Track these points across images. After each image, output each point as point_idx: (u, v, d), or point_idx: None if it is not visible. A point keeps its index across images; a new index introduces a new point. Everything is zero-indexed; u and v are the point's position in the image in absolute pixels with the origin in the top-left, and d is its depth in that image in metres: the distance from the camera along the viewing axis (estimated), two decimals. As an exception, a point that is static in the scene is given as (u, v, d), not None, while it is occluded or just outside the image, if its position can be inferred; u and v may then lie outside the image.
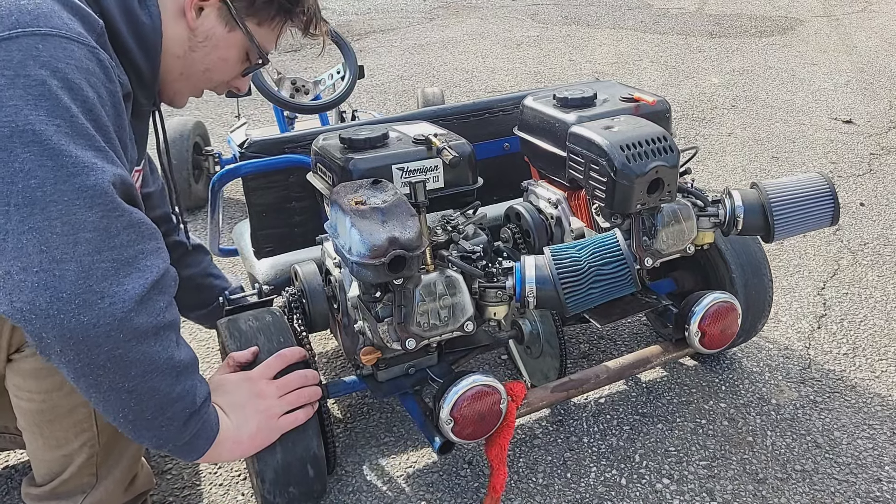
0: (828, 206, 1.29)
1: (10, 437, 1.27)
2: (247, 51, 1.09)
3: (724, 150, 2.97)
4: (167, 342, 0.87)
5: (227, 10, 1.02)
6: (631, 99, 1.43)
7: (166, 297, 0.87)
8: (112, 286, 0.80)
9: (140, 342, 0.83)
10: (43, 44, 0.79)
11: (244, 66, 1.12)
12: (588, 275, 1.10)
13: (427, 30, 5.37)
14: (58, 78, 0.80)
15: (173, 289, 0.90)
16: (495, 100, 1.68)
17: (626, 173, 1.18)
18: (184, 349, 0.91)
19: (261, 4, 1.05)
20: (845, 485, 1.31)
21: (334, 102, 2.23)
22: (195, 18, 1.01)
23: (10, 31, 0.79)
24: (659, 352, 1.38)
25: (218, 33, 1.03)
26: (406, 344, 1.08)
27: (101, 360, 0.81)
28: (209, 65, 1.06)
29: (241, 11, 1.03)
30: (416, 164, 1.20)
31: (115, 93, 0.89)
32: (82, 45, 0.83)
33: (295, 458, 1.13)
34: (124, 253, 0.82)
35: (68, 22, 0.83)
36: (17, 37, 0.79)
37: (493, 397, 1.13)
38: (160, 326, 0.85)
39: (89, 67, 0.83)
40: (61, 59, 0.80)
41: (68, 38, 0.82)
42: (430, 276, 1.09)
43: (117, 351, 0.81)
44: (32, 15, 0.80)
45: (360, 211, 1.01)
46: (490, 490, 1.22)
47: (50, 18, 0.82)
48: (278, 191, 1.51)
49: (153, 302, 0.84)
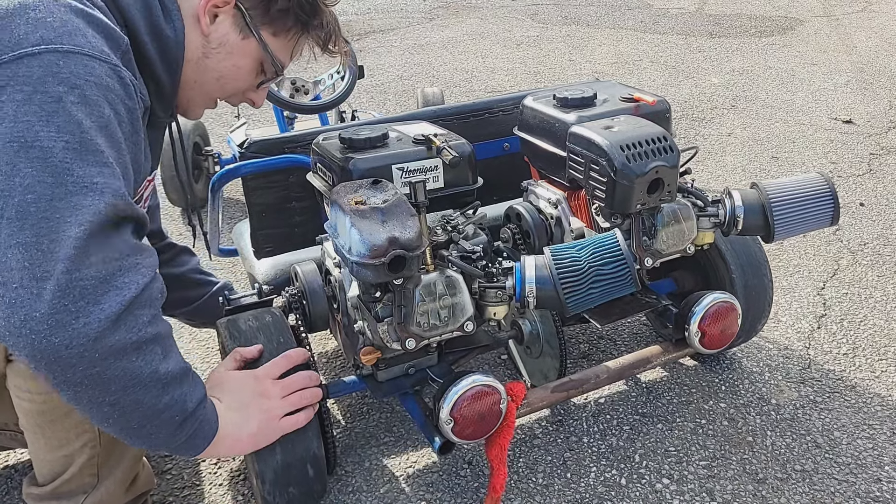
0: (828, 206, 1.29)
1: (11, 434, 1.27)
2: (261, 61, 1.08)
3: (723, 150, 2.97)
4: (151, 356, 0.85)
5: (242, 17, 1.02)
6: (631, 99, 1.43)
7: (149, 311, 0.85)
8: (88, 305, 0.79)
9: (119, 359, 0.82)
10: (64, 60, 0.81)
11: (258, 78, 1.10)
12: (588, 275, 1.10)
13: (427, 30, 5.37)
14: (75, 94, 0.81)
15: (159, 301, 0.88)
16: (495, 100, 1.68)
17: (626, 173, 1.18)
18: (173, 359, 0.89)
19: (276, 14, 1.03)
20: (845, 485, 1.31)
21: (334, 102, 2.23)
22: (209, 24, 1.01)
23: (34, 46, 0.80)
24: (659, 352, 1.38)
25: (232, 40, 1.03)
26: (406, 344, 1.08)
27: (76, 378, 0.80)
28: (222, 72, 1.05)
29: (256, 20, 1.03)
30: (416, 164, 1.20)
31: (134, 110, 0.90)
32: (104, 63, 0.84)
33: (295, 458, 1.13)
34: (103, 270, 0.80)
35: (92, 40, 0.84)
36: (41, 53, 0.80)
37: (493, 397, 1.13)
38: (142, 341, 0.84)
39: (109, 84, 0.84)
40: (81, 76, 0.81)
41: (90, 55, 0.83)
42: (430, 276, 1.09)
43: (93, 369, 0.80)
44: (57, 32, 0.82)
45: (360, 211, 1.01)
46: (490, 490, 1.22)
47: (73, 36, 0.82)
48: (278, 191, 1.51)
49: (133, 318, 0.82)
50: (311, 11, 1.06)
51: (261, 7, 1.03)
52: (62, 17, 0.83)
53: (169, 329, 0.90)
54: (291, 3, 1.04)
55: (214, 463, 1.41)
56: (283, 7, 1.03)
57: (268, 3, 1.02)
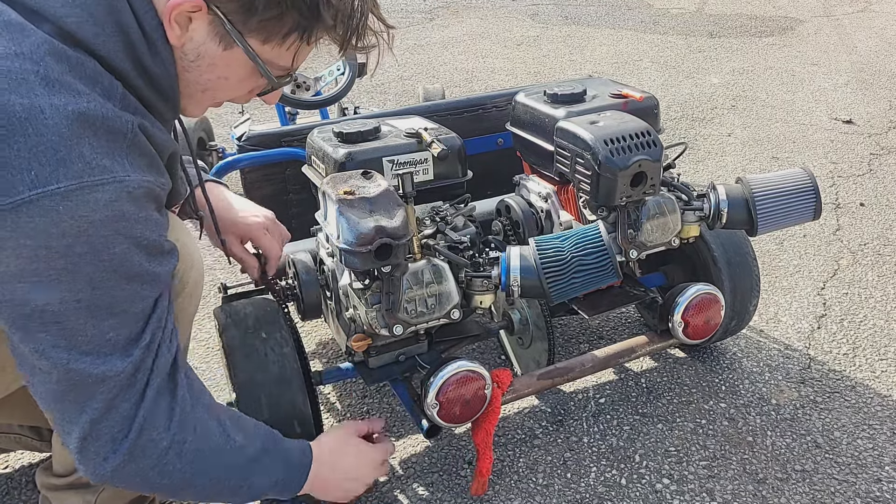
0: (810, 200, 1.31)
1: (15, 437, 1.29)
2: (254, 68, 0.89)
3: (723, 150, 2.98)
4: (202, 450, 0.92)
5: (221, 24, 0.82)
6: (619, 95, 1.46)
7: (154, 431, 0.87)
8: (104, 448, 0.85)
9: (166, 470, 0.89)
10: (64, 205, 0.73)
11: (259, 82, 0.93)
12: (570, 264, 1.13)
13: (427, 30, 5.40)
14: (81, 243, 0.75)
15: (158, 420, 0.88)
16: (488, 96, 1.71)
17: (610, 167, 1.21)
18: (237, 435, 0.97)
19: (268, 25, 0.84)
20: (845, 485, 1.31)
21: (334, 98, 2.27)
22: (180, 35, 0.83)
23: (30, 191, 0.72)
24: (644, 342, 1.41)
25: (211, 51, 0.85)
26: (394, 330, 1.12)
27: (136, 484, 0.90)
28: (207, 85, 0.90)
29: (238, 25, 0.83)
30: (407, 157, 1.23)
31: (149, 205, 0.82)
32: (108, 185, 0.75)
33: (281, 415, 1.17)
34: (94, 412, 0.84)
35: (89, 154, 0.74)
36: (38, 199, 0.72)
37: (478, 383, 1.17)
38: (165, 448, 0.88)
39: (117, 212, 0.76)
40: (84, 219, 0.74)
41: (91, 185, 0.74)
42: (418, 265, 1.13)
43: (154, 479, 0.90)
44: (52, 167, 0.72)
45: (348, 200, 1.05)
46: (477, 474, 1.25)
47: (69, 162, 0.73)
48: (276, 183, 1.55)
49: (142, 446, 0.86)
50: (311, 17, 0.84)
51: (241, 14, 0.83)
52: (54, 132, 0.73)
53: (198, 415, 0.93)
54: (285, 12, 0.83)
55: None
56: (270, 16, 0.83)
57: (248, 12, 0.82)
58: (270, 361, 1.19)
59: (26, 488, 1.36)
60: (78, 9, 0.77)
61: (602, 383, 1.61)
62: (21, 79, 0.73)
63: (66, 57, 0.76)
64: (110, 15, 0.79)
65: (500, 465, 1.38)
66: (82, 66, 0.77)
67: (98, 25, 0.78)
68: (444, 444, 1.44)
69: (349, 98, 2.34)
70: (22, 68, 0.73)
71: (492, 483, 1.33)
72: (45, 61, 0.74)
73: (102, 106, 0.77)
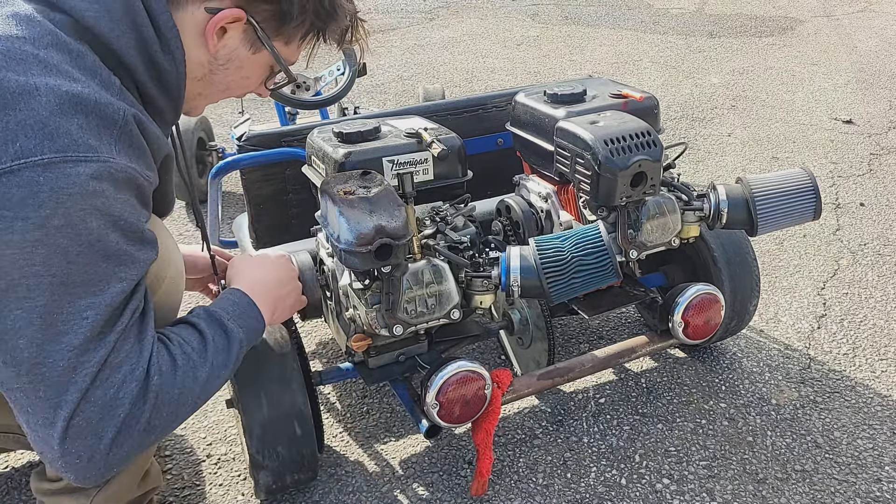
0: (810, 200, 1.31)
1: (14, 436, 1.26)
2: (271, 65, 1.02)
3: (723, 151, 2.98)
4: (170, 401, 0.86)
5: (254, 31, 0.93)
6: (619, 95, 1.46)
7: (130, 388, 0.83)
8: (88, 439, 0.80)
9: (140, 436, 0.84)
10: (45, 176, 0.73)
11: (270, 82, 1.05)
12: (570, 265, 1.13)
13: (427, 30, 5.40)
14: (58, 216, 0.74)
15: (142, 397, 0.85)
16: (488, 96, 1.71)
17: (610, 167, 1.21)
18: (196, 365, 0.90)
19: (292, 29, 0.96)
20: (845, 485, 1.32)
21: (334, 98, 2.27)
22: (216, 43, 0.92)
23: (12, 162, 0.72)
24: (644, 342, 1.41)
25: (241, 55, 0.95)
26: (394, 330, 1.12)
27: (128, 462, 0.85)
28: (230, 84, 1.00)
29: (268, 31, 0.94)
30: (406, 157, 1.23)
31: (130, 191, 0.82)
32: (90, 163, 0.76)
33: (281, 413, 1.18)
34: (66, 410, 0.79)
35: (77, 131, 0.75)
36: (19, 170, 0.72)
37: (478, 383, 1.17)
38: (146, 423, 0.84)
39: (97, 189, 0.76)
40: (63, 191, 0.74)
41: (74, 160, 0.74)
42: (418, 265, 1.12)
43: (127, 443, 0.83)
44: (37, 139, 0.73)
45: (348, 201, 1.05)
46: (477, 475, 1.25)
47: (55, 136, 0.74)
48: (276, 183, 1.55)
49: (122, 438, 0.83)
50: (328, 18, 0.98)
51: (274, 21, 0.94)
52: (45, 108, 0.74)
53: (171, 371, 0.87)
54: (307, 15, 0.96)
55: (214, 463, 1.43)
56: (299, 23, 0.96)
57: (282, 19, 0.94)
58: (270, 361, 1.19)
59: (26, 488, 1.36)
60: (97, 4, 0.83)
61: (602, 383, 1.61)
62: (20, 59, 0.76)
63: (67, 48, 0.80)
64: (126, 14, 0.84)
65: (500, 465, 1.39)
66: (82, 58, 0.81)
67: (114, 21, 0.83)
68: (444, 444, 1.44)
69: (349, 98, 2.34)
70: (22, 49, 0.76)
71: (492, 483, 1.33)
72: (46, 49, 0.78)
73: (97, 92, 0.79)
